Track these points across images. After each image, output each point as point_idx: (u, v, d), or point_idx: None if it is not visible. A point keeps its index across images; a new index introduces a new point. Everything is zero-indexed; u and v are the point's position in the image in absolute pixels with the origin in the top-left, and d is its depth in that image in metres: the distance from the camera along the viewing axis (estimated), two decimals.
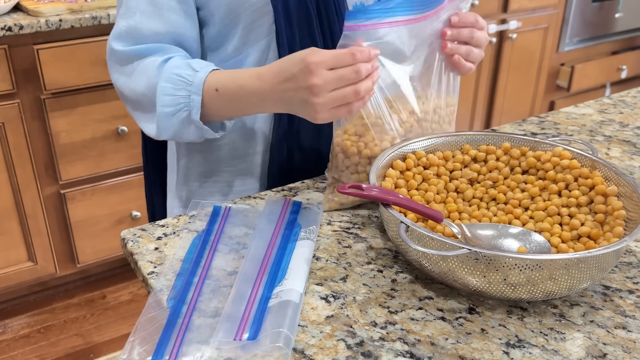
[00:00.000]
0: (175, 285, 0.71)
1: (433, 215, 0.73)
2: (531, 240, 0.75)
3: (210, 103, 0.85)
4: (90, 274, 2.27)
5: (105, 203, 2.10)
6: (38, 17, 1.80)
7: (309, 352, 0.62)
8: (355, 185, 0.73)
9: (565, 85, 3.05)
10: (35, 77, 1.85)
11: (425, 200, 0.82)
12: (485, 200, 0.84)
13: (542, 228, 0.78)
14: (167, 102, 0.86)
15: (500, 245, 0.75)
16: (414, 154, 0.86)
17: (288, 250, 0.76)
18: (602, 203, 0.78)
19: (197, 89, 0.85)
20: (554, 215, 0.80)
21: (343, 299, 0.70)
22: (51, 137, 1.92)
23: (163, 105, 0.86)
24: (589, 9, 2.93)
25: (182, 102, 0.85)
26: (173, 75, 0.86)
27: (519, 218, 0.81)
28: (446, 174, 0.86)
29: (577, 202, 0.80)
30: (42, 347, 2.01)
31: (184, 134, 0.88)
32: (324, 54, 0.75)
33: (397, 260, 0.77)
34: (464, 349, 0.63)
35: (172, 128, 0.87)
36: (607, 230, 0.75)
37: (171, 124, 0.87)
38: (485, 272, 0.65)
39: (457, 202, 0.84)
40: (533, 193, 0.83)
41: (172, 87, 0.85)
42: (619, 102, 1.32)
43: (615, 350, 0.64)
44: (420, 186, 0.84)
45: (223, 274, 0.74)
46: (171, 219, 0.86)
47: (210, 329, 0.64)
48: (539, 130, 1.17)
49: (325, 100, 0.76)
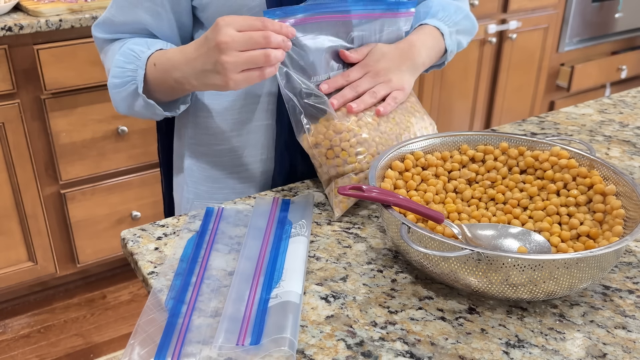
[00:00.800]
0: (174, 285, 0.71)
1: (434, 216, 0.73)
2: (531, 240, 0.75)
3: (151, 77, 0.88)
4: (90, 274, 2.27)
5: (105, 203, 2.10)
6: (38, 17, 1.80)
7: (309, 352, 0.62)
8: (356, 187, 0.73)
9: (565, 85, 3.05)
10: (35, 77, 1.85)
11: (425, 201, 0.82)
12: (484, 200, 0.84)
13: (542, 228, 0.78)
14: (116, 73, 0.90)
15: (500, 245, 0.75)
16: (412, 155, 0.86)
17: (282, 250, 0.76)
18: (601, 202, 0.78)
19: (142, 63, 0.88)
20: (553, 215, 0.80)
21: (343, 299, 0.70)
22: (51, 137, 1.92)
23: (113, 77, 0.90)
24: (589, 9, 2.93)
25: (129, 75, 0.89)
26: (128, 50, 0.90)
27: (518, 218, 0.81)
28: (445, 174, 0.86)
29: (576, 201, 0.80)
30: (42, 347, 2.01)
31: (136, 108, 0.92)
32: (234, 17, 0.77)
33: (397, 260, 0.77)
34: (464, 349, 0.63)
35: (123, 101, 0.92)
36: (606, 229, 0.75)
37: (121, 96, 0.91)
38: (487, 273, 0.65)
39: (456, 202, 0.84)
40: (532, 193, 0.83)
41: (124, 61, 0.90)
42: (619, 102, 1.32)
43: (615, 350, 0.64)
44: (419, 187, 0.84)
45: (223, 273, 0.74)
46: (171, 219, 0.86)
47: (211, 329, 0.64)
48: (539, 130, 1.17)
49: (235, 60, 0.77)
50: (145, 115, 0.93)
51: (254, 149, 0.98)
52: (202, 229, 0.82)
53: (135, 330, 0.64)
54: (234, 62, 0.77)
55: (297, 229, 0.80)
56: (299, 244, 0.77)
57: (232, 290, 0.69)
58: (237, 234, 0.81)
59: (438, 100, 2.64)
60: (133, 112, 0.93)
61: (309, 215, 0.84)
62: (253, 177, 1.00)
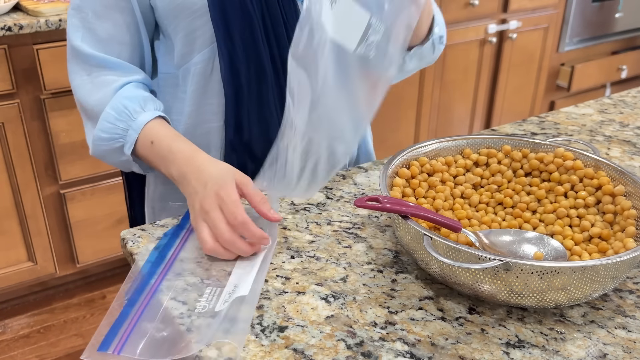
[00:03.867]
0: (139, 274, 0.73)
1: (452, 225, 0.72)
2: (546, 244, 0.75)
3: (142, 152, 0.88)
4: (90, 274, 2.27)
5: (105, 203, 2.10)
6: (38, 17, 1.80)
7: (309, 352, 0.62)
8: (373, 198, 0.73)
9: (565, 85, 3.05)
10: (35, 77, 1.85)
11: (435, 208, 0.81)
12: (491, 205, 0.84)
13: (554, 231, 0.77)
14: (105, 127, 0.88)
15: (517, 251, 0.74)
16: (417, 161, 0.85)
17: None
18: (610, 203, 0.78)
19: (137, 126, 0.87)
20: (563, 218, 0.79)
21: (343, 299, 0.70)
22: (51, 137, 1.92)
23: (101, 130, 0.89)
24: (589, 9, 2.93)
25: (119, 133, 0.88)
26: (120, 105, 0.88)
27: (529, 222, 0.80)
28: (450, 179, 0.86)
29: (585, 202, 0.79)
30: (42, 347, 2.01)
31: (113, 160, 0.91)
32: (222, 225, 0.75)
33: (397, 260, 0.77)
34: (464, 349, 0.63)
35: (103, 153, 0.91)
36: (618, 230, 0.75)
37: (103, 149, 0.90)
38: (507, 280, 0.64)
39: (464, 208, 0.83)
40: (539, 196, 0.82)
41: (115, 117, 0.88)
42: (619, 102, 1.32)
43: (615, 351, 0.64)
44: (427, 194, 0.83)
45: (192, 266, 0.75)
46: (171, 219, 0.86)
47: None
48: (539, 130, 1.17)
49: (222, 232, 0.75)
50: (116, 166, 0.94)
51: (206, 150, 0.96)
52: (182, 222, 0.84)
53: (108, 313, 0.66)
54: (221, 231, 0.75)
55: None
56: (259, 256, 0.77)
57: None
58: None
59: (438, 100, 2.64)
60: (105, 160, 0.93)
61: (273, 226, 0.82)
62: None
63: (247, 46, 0.90)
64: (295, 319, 0.67)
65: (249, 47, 0.90)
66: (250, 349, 0.63)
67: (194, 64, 0.92)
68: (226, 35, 0.89)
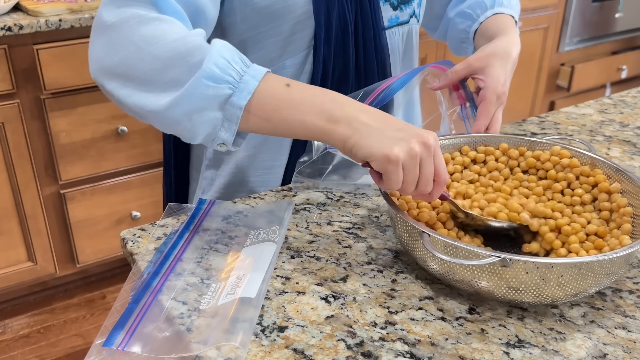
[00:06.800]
0: (143, 273, 0.72)
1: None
2: None
3: (266, 97, 0.69)
4: (90, 274, 2.27)
5: (105, 203, 2.10)
6: (38, 17, 1.80)
7: (309, 352, 0.62)
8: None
9: (565, 85, 3.05)
10: (35, 77, 1.85)
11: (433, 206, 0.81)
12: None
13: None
14: (212, 74, 0.68)
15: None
16: None
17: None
18: (606, 200, 0.78)
19: (256, 73, 0.70)
20: None
21: (343, 299, 0.70)
22: (51, 137, 1.92)
23: (204, 76, 0.68)
24: (589, 9, 2.93)
25: (229, 79, 0.69)
26: (226, 49, 0.70)
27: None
28: None
29: (581, 200, 0.80)
30: (42, 347, 2.01)
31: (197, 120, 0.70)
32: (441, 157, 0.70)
33: (397, 260, 0.77)
34: (464, 349, 0.63)
35: (189, 109, 0.69)
36: (614, 227, 0.75)
37: (194, 102, 0.69)
38: (504, 276, 0.65)
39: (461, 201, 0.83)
40: (537, 193, 0.83)
41: (223, 67, 0.69)
42: (619, 102, 1.32)
43: (615, 351, 0.64)
44: None
45: (193, 267, 0.75)
46: (171, 219, 0.86)
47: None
48: (539, 130, 1.17)
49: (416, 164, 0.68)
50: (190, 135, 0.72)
51: (277, 153, 0.96)
52: (189, 220, 0.83)
53: (110, 313, 0.66)
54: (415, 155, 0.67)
55: (268, 235, 0.79)
56: (264, 248, 0.77)
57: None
58: (216, 227, 0.82)
59: None
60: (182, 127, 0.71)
61: (285, 221, 0.82)
62: (272, 181, 0.99)
63: (337, 53, 0.91)
64: (295, 319, 0.67)
65: (338, 54, 0.91)
66: (250, 349, 0.63)
67: (282, 68, 0.91)
68: (326, 40, 0.89)
